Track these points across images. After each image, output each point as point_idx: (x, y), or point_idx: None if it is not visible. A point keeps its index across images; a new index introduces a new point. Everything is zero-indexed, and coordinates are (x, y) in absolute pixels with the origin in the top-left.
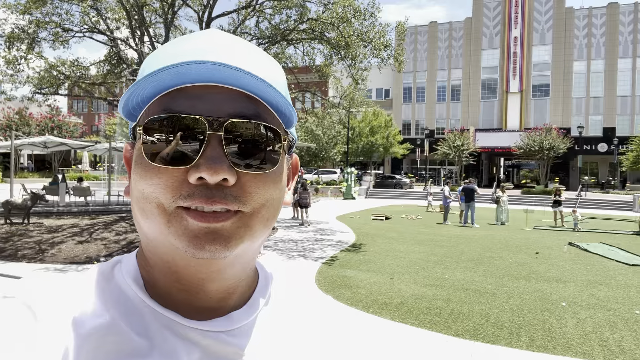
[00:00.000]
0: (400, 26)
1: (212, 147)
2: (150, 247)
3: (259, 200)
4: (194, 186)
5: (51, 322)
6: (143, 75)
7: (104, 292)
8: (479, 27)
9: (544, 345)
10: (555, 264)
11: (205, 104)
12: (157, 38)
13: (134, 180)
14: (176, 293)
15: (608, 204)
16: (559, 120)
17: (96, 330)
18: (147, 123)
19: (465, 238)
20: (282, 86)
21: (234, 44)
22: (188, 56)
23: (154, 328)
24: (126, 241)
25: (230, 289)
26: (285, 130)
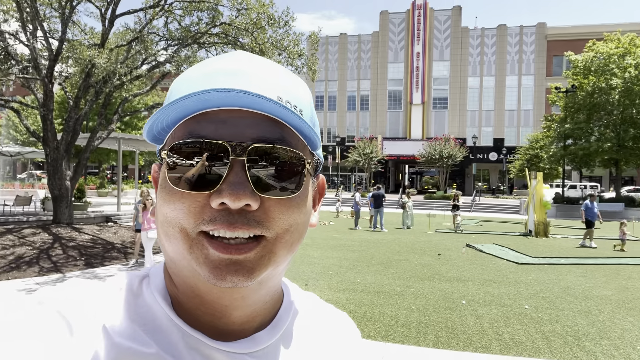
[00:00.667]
0: (314, 36)
1: (235, 173)
2: (173, 268)
3: (283, 226)
4: (217, 211)
5: (83, 333)
6: (169, 101)
7: (132, 307)
8: (385, 41)
9: (448, 342)
10: (456, 264)
11: (229, 128)
12: (53, 33)
13: (159, 204)
14: (201, 315)
15: (498, 207)
16: (456, 131)
17: (125, 346)
18: (171, 148)
19: (375, 242)
20: (307, 109)
21: (259, 67)
22: (212, 80)
23: (181, 347)
24: (14, 256)
25: (255, 312)
26: (311, 152)
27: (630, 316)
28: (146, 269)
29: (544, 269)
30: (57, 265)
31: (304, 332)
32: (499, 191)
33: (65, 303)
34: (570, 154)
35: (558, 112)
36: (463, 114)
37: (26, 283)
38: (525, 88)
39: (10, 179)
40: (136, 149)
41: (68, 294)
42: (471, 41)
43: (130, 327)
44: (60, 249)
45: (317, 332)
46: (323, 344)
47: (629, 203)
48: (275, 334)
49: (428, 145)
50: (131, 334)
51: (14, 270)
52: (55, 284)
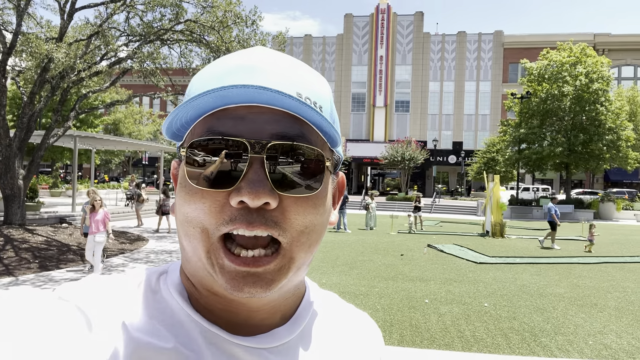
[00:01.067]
0: (281, 37)
1: (254, 170)
2: (190, 268)
3: (299, 227)
4: (236, 210)
5: (103, 329)
6: (188, 97)
7: (151, 303)
8: (350, 44)
9: (412, 340)
10: (418, 264)
11: (248, 124)
12: (6, 25)
13: (179, 203)
14: (218, 311)
15: (457, 209)
16: (417, 134)
17: (144, 341)
18: (190, 145)
19: (340, 243)
20: (328, 105)
21: (278, 62)
22: (231, 77)
23: (200, 342)
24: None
25: (274, 308)
26: (331, 149)
27: (582, 312)
28: (166, 265)
29: (501, 268)
30: (9, 268)
31: (323, 330)
32: (457, 193)
33: (84, 298)
34: (524, 157)
35: (513, 117)
36: (424, 117)
37: None
38: (483, 93)
39: None
40: (92, 147)
41: (87, 290)
42: (432, 46)
43: (149, 323)
44: (13, 251)
45: (337, 331)
46: (343, 343)
47: (578, 205)
48: (294, 331)
49: (390, 147)
50: (150, 330)
51: None
52: (7, 288)
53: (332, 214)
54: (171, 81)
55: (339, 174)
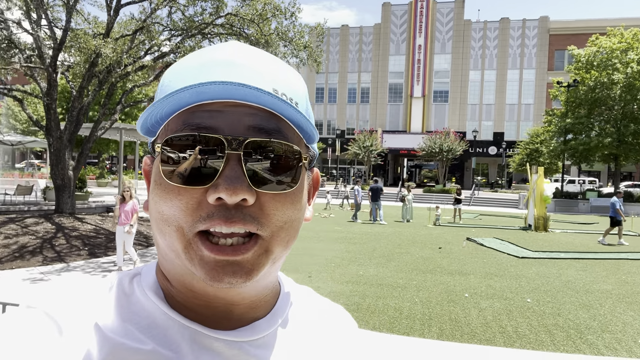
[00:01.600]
0: (319, 28)
1: (231, 167)
2: (167, 265)
3: (277, 223)
4: (213, 207)
5: (75, 335)
6: (163, 94)
7: (124, 306)
8: (387, 33)
9: (452, 335)
10: (456, 257)
11: (225, 118)
12: (56, 22)
13: (153, 201)
14: (197, 308)
15: (497, 201)
16: (456, 125)
17: (120, 345)
18: (165, 141)
19: (376, 235)
20: (303, 101)
21: (255, 58)
22: (208, 72)
23: (180, 340)
24: (17, 245)
25: (254, 303)
26: (307, 145)
27: (631, 310)
28: (138, 268)
29: (544, 263)
30: (61, 255)
31: (301, 323)
32: (497, 185)
33: (53, 305)
34: (570, 148)
35: (559, 107)
36: (463, 107)
37: (30, 272)
38: (527, 82)
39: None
40: (136, 139)
41: (56, 296)
42: (473, 34)
43: (123, 326)
44: (64, 239)
45: (314, 323)
46: (320, 334)
47: (627, 198)
48: (274, 323)
49: (428, 138)
50: (124, 333)
51: (17, 260)
52: (59, 274)
53: (307, 210)
54: None
55: (314, 170)
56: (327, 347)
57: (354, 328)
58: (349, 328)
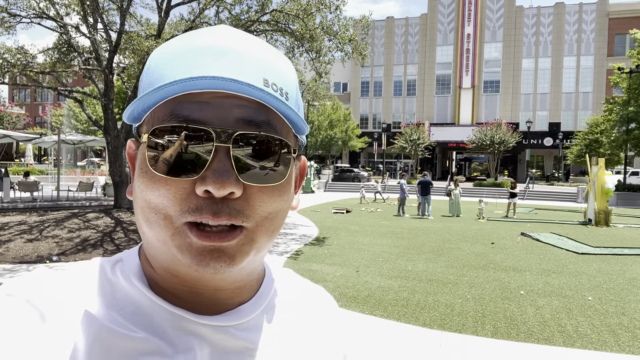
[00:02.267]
0: (364, 20)
1: (219, 159)
2: (152, 252)
3: (263, 214)
4: (202, 199)
5: (59, 322)
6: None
7: (108, 293)
8: (434, 23)
9: (507, 333)
10: (511, 253)
11: (213, 109)
12: (111, 25)
13: (140, 189)
14: (182, 294)
15: (553, 195)
16: (508, 116)
17: (105, 331)
18: (152, 132)
19: (424, 230)
20: (293, 90)
21: (244, 45)
22: (197, 61)
23: (165, 326)
24: (80, 238)
25: (239, 289)
26: (296, 136)
27: None
28: (119, 254)
29: (606, 260)
30: (120, 247)
31: (284, 305)
32: (554, 178)
33: (34, 292)
34: (633, 138)
35: (621, 94)
36: (516, 97)
37: None
38: (584, 69)
39: (72, 166)
40: None
41: (37, 283)
42: (526, 21)
43: (107, 313)
44: (122, 232)
45: (296, 304)
46: (302, 316)
47: None
48: (259, 306)
49: (478, 130)
50: (110, 319)
51: (80, 252)
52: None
53: (294, 199)
54: None
55: (301, 159)
56: (309, 327)
57: (335, 307)
58: (329, 307)
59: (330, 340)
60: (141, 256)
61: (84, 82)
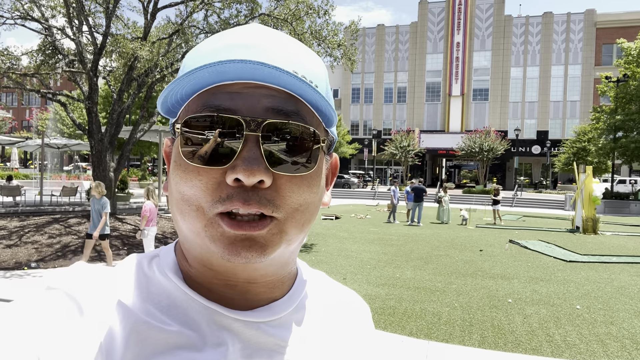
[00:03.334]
0: (353, 26)
1: (249, 148)
2: (187, 245)
3: (293, 205)
4: (232, 188)
5: (96, 314)
6: (183, 72)
7: (144, 286)
8: (424, 31)
9: (495, 342)
10: (499, 261)
11: (244, 99)
12: (97, 28)
13: (174, 181)
14: (216, 287)
15: (541, 203)
16: (497, 123)
17: (141, 323)
18: (185, 122)
19: (413, 237)
20: (323, 84)
21: (275, 39)
22: (228, 53)
23: (199, 320)
24: (60, 244)
25: (271, 284)
26: (325, 130)
27: None
28: (156, 250)
29: (594, 267)
30: (102, 254)
31: (316, 305)
32: (542, 186)
33: (73, 285)
34: (621, 146)
35: (608, 103)
36: (505, 105)
37: None
38: (572, 78)
39: (57, 170)
40: None
41: (76, 277)
42: (515, 30)
43: (143, 305)
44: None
45: (328, 306)
46: (334, 317)
47: None
48: (291, 304)
49: (467, 138)
50: (146, 312)
51: (60, 259)
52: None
53: (326, 195)
54: None
55: (333, 155)
56: (341, 330)
57: (368, 314)
58: (362, 313)
59: (363, 347)
60: (177, 251)
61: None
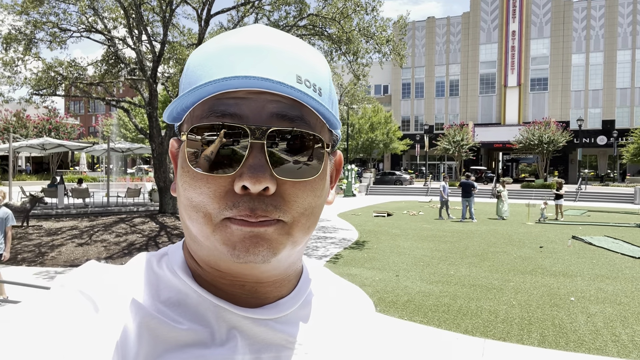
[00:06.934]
0: (402, 20)
1: (254, 155)
2: (194, 246)
3: (299, 209)
4: (239, 196)
5: (111, 312)
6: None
7: (154, 285)
8: (477, 21)
9: (555, 342)
10: (561, 257)
11: (249, 105)
12: (155, 37)
13: (183, 188)
14: (224, 287)
15: (608, 196)
16: (557, 114)
17: (152, 321)
18: (191, 129)
19: (468, 233)
20: (326, 85)
21: (278, 43)
22: (232, 64)
23: (209, 317)
24: (127, 243)
25: (278, 283)
26: (330, 130)
27: None
28: (164, 248)
29: None
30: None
31: (321, 302)
32: (608, 178)
33: (87, 283)
34: None
35: None
36: (566, 94)
37: None
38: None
39: (122, 173)
40: None
41: (89, 275)
42: (575, 15)
43: (154, 304)
44: (166, 237)
45: (333, 302)
46: (338, 312)
47: None
48: (297, 301)
49: (525, 130)
50: (157, 310)
51: (126, 256)
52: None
53: (330, 194)
54: None
55: (337, 153)
56: (345, 323)
57: (371, 307)
58: (366, 307)
59: (367, 339)
60: (185, 250)
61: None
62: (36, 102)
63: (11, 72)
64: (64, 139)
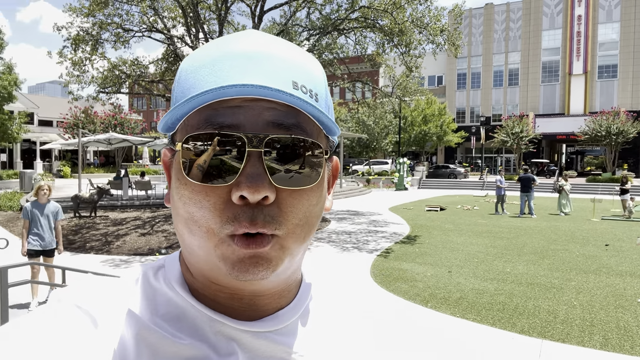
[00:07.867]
0: (457, 9)
1: (252, 164)
2: (192, 260)
3: (294, 220)
4: (238, 207)
5: (109, 327)
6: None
7: (151, 298)
8: (539, 6)
9: (620, 345)
10: (628, 256)
11: (246, 114)
12: (212, 34)
13: (181, 201)
14: (222, 300)
15: None
16: (627, 103)
17: (152, 336)
18: (186, 139)
19: (526, 229)
20: (322, 91)
21: (273, 49)
22: (228, 71)
23: (207, 331)
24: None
25: (277, 294)
26: (327, 136)
27: None
28: (161, 260)
29: None
30: None
31: (320, 310)
32: None
33: (83, 297)
34: None
35: None
36: (637, 82)
37: None
38: None
39: None
40: None
41: (86, 289)
42: None
43: (152, 319)
44: None
45: (333, 310)
46: (338, 323)
47: None
48: (297, 312)
49: (592, 120)
50: (155, 324)
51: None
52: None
53: (327, 200)
54: (348, 69)
55: (333, 159)
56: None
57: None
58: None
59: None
60: (181, 262)
61: None
62: (102, 99)
63: (80, 72)
64: (128, 133)
